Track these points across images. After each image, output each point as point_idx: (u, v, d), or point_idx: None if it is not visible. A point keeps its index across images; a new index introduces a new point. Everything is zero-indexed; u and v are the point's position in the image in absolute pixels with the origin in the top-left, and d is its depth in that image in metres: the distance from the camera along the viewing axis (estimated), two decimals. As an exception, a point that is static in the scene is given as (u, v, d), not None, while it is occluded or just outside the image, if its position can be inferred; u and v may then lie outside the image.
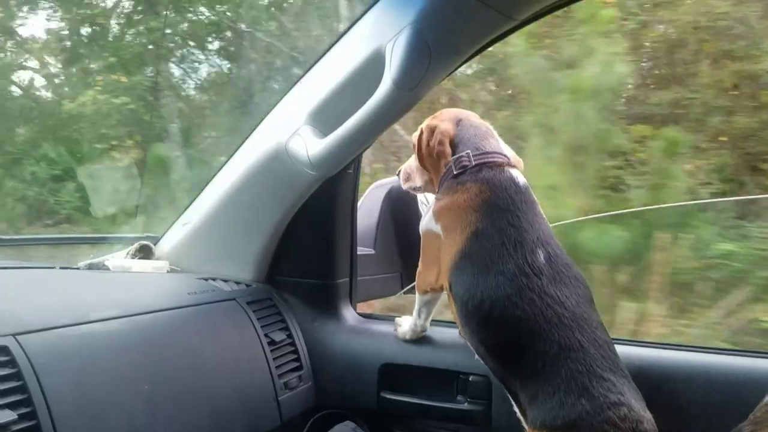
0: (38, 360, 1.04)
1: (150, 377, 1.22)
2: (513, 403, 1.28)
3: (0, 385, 0.98)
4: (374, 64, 1.33)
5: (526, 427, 1.23)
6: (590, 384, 1.13)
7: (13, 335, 1.05)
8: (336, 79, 1.43)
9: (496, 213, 1.28)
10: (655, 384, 1.30)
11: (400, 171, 1.59)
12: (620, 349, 1.24)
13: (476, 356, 1.34)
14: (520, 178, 1.34)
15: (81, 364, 1.12)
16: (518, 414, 1.27)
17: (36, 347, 1.06)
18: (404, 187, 1.58)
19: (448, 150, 1.38)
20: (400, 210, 1.98)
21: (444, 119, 1.42)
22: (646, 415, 1.14)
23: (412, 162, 1.53)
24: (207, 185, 1.72)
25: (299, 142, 1.48)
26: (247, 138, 1.64)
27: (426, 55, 1.26)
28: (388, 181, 2.05)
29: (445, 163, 1.37)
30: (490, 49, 1.46)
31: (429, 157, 1.42)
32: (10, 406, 0.98)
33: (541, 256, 1.23)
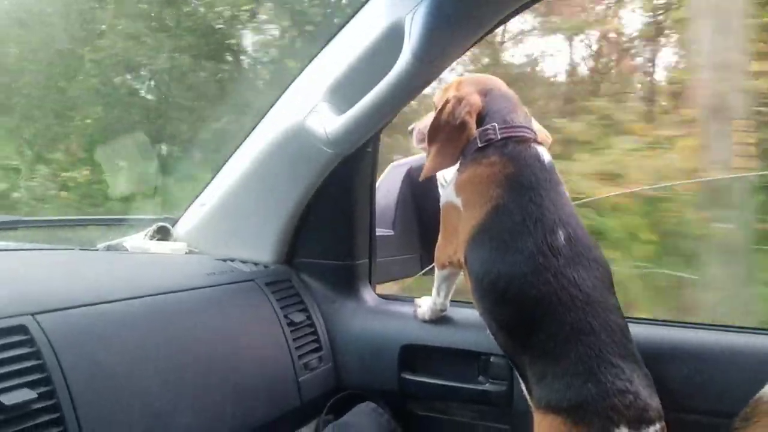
0: (57, 339, 1.04)
1: (169, 357, 1.22)
2: (520, 380, 1.27)
3: (19, 364, 0.98)
4: (393, 37, 1.29)
5: (531, 404, 1.23)
6: (599, 369, 1.12)
7: (32, 314, 1.04)
8: (354, 54, 1.40)
9: (519, 190, 1.25)
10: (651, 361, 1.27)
11: (413, 129, 1.54)
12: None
13: (487, 331, 1.32)
14: (546, 156, 1.31)
15: (100, 343, 1.11)
16: (524, 391, 1.26)
17: (55, 326, 1.05)
18: (417, 147, 1.54)
19: (474, 124, 1.33)
20: (419, 190, 1.95)
21: (471, 91, 1.36)
22: (652, 403, 1.13)
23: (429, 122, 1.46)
24: (224, 165, 1.70)
25: (317, 119, 1.45)
26: (264, 116, 1.61)
27: (447, 25, 1.22)
28: (407, 161, 2.02)
29: (468, 135, 1.33)
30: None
31: (451, 127, 1.34)
32: (30, 385, 0.97)
33: (561, 236, 1.21)
